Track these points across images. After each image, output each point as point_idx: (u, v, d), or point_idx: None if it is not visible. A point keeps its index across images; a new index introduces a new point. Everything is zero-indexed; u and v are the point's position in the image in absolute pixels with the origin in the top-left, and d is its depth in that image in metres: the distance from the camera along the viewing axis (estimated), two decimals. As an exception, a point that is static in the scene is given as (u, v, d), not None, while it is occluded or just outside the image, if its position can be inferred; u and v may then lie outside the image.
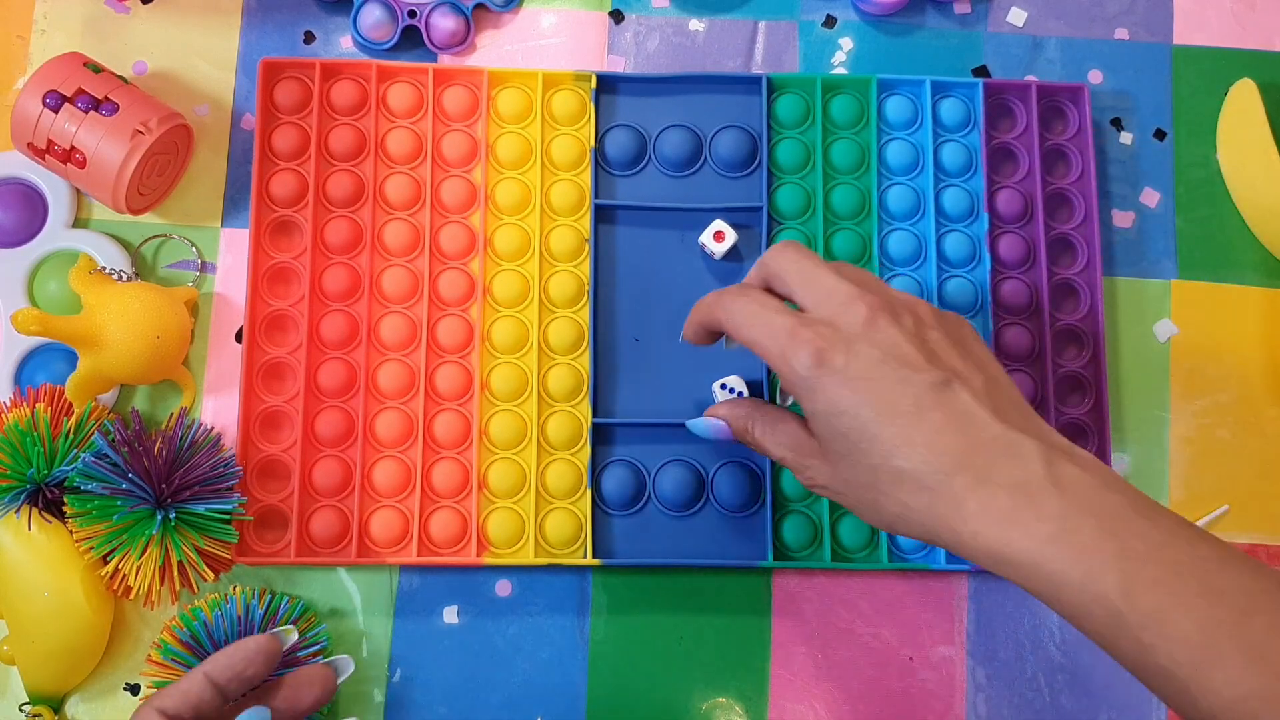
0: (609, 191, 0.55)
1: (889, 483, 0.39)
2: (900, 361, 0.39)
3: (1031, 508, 0.36)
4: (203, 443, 0.49)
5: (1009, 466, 0.37)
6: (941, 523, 0.38)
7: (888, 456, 0.38)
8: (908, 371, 0.39)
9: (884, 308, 0.40)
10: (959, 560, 0.52)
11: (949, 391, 0.39)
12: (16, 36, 0.56)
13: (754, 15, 0.58)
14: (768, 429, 0.45)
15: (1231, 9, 0.59)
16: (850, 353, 0.39)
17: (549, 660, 0.51)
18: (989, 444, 0.38)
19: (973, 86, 0.56)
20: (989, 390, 0.39)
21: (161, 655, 0.47)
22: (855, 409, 0.39)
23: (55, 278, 0.53)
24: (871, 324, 0.40)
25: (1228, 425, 0.55)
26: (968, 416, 0.38)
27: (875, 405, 0.38)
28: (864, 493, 0.40)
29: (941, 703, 0.52)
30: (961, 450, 0.37)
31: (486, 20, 0.57)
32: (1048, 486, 0.36)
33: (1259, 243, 0.56)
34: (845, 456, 0.40)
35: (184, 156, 0.54)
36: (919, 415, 0.38)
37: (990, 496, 0.37)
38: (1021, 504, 0.36)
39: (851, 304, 0.40)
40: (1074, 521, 0.36)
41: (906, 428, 0.38)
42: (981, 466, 0.37)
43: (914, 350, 0.39)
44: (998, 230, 0.55)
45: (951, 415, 0.38)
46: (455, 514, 0.51)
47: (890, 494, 0.39)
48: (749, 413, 0.46)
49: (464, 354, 0.53)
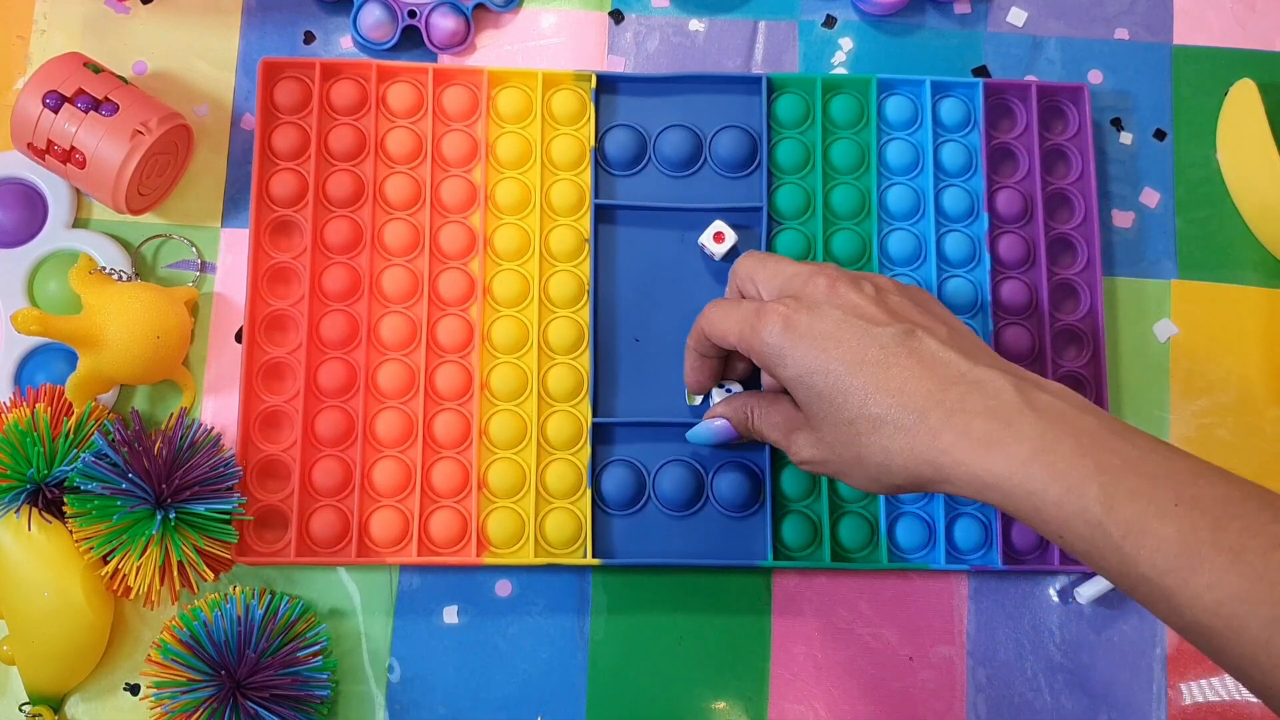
0: (609, 191, 0.55)
1: (868, 432, 0.40)
2: (863, 318, 0.41)
3: (1009, 431, 0.37)
4: (203, 443, 0.49)
5: (981, 397, 0.38)
6: (923, 460, 0.39)
7: (863, 405, 0.40)
8: (870, 326, 0.41)
9: (844, 277, 0.42)
10: (959, 560, 0.52)
11: (914, 339, 0.40)
12: (16, 36, 0.56)
13: (754, 15, 0.58)
14: (763, 412, 0.47)
15: (1231, 9, 0.59)
16: (815, 315, 0.41)
17: (549, 660, 0.51)
18: (958, 380, 0.39)
19: (973, 86, 0.56)
20: (953, 337, 0.41)
21: (161, 655, 0.47)
22: (825, 365, 0.40)
23: (55, 278, 0.53)
24: (833, 290, 0.42)
25: (1228, 425, 0.55)
26: (935, 358, 0.40)
27: (844, 359, 0.40)
28: (846, 451, 0.41)
29: (941, 703, 0.52)
30: (932, 389, 0.39)
31: (486, 20, 0.57)
32: (1023, 410, 0.37)
33: (1259, 243, 0.56)
34: (824, 418, 0.41)
35: (184, 156, 0.54)
36: (887, 363, 0.40)
37: (966, 425, 0.38)
38: (998, 428, 0.37)
39: (813, 278, 0.43)
40: (1051, 441, 0.36)
41: (876, 375, 0.39)
42: (954, 400, 0.38)
43: (876, 309, 0.41)
44: (998, 230, 0.55)
45: (919, 359, 0.40)
46: (455, 514, 0.51)
47: (871, 443, 0.40)
48: (744, 403, 0.48)
49: (464, 354, 0.53)
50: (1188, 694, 0.52)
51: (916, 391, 0.39)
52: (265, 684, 0.47)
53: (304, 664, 0.48)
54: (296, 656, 0.48)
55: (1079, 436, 0.37)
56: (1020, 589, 0.53)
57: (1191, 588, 0.34)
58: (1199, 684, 0.52)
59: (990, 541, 0.52)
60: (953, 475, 0.38)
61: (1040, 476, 0.36)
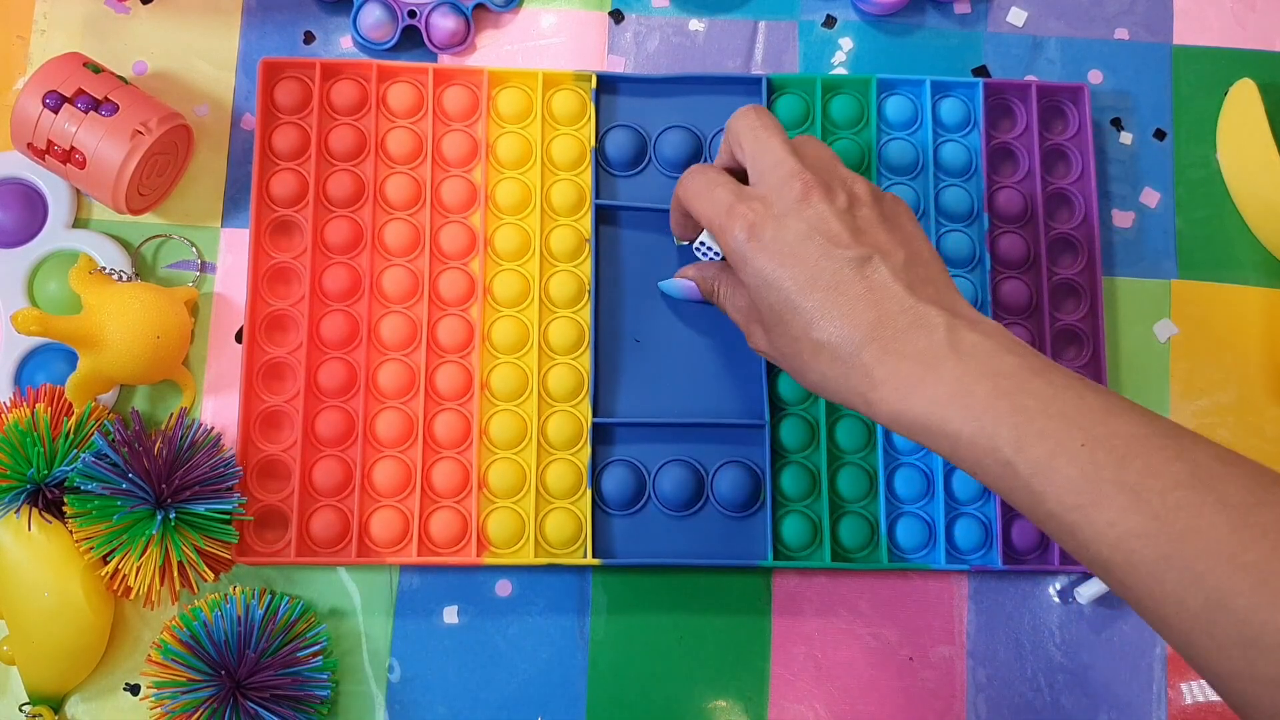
0: (609, 192, 0.55)
1: (809, 354, 0.41)
2: (825, 237, 0.41)
3: (932, 373, 0.39)
4: (203, 443, 0.49)
5: (914, 336, 0.40)
6: (854, 392, 0.40)
7: (807, 328, 0.41)
8: (831, 247, 0.41)
9: (819, 185, 0.42)
10: (959, 560, 0.52)
11: (868, 266, 0.41)
12: (16, 36, 0.56)
13: (754, 15, 0.58)
14: (729, 291, 0.48)
15: (1231, 9, 0.59)
16: (779, 227, 0.42)
17: (549, 660, 0.51)
18: (897, 315, 0.40)
19: (973, 86, 0.56)
20: (908, 265, 0.42)
21: (161, 655, 0.47)
22: (779, 282, 0.41)
23: (55, 278, 0.53)
24: (804, 200, 0.42)
25: (1228, 425, 0.55)
26: (882, 290, 0.41)
27: (797, 279, 0.41)
28: (791, 361, 0.43)
29: (941, 703, 0.52)
30: (872, 323, 0.40)
31: (486, 20, 0.57)
32: (947, 353, 0.39)
33: (1259, 243, 0.56)
34: (773, 328, 0.43)
35: (184, 157, 0.53)
36: (837, 290, 0.41)
37: (895, 366, 0.39)
38: (922, 370, 0.39)
39: (788, 181, 0.43)
40: (970, 384, 0.38)
41: (824, 301, 0.41)
42: (889, 338, 0.40)
43: (840, 227, 0.42)
44: (998, 230, 0.55)
45: (867, 289, 0.41)
46: (455, 514, 0.51)
47: (810, 364, 0.42)
48: (715, 274, 0.49)
49: (464, 354, 0.53)
50: (1188, 694, 0.52)
51: (859, 323, 0.40)
52: (265, 684, 0.47)
53: (304, 664, 0.48)
54: (296, 656, 0.48)
55: (998, 378, 0.38)
56: (1020, 589, 0.53)
57: (1095, 524, 0.35)
58: (1199, 684, 0.52)
59: (990, 541, 0.52)
60: (879, 411, 0.40)
61: (955, 418, 0.38)
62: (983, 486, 0.52)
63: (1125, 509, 0.35)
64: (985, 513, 0.53)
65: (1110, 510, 0.35)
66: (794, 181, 0.42)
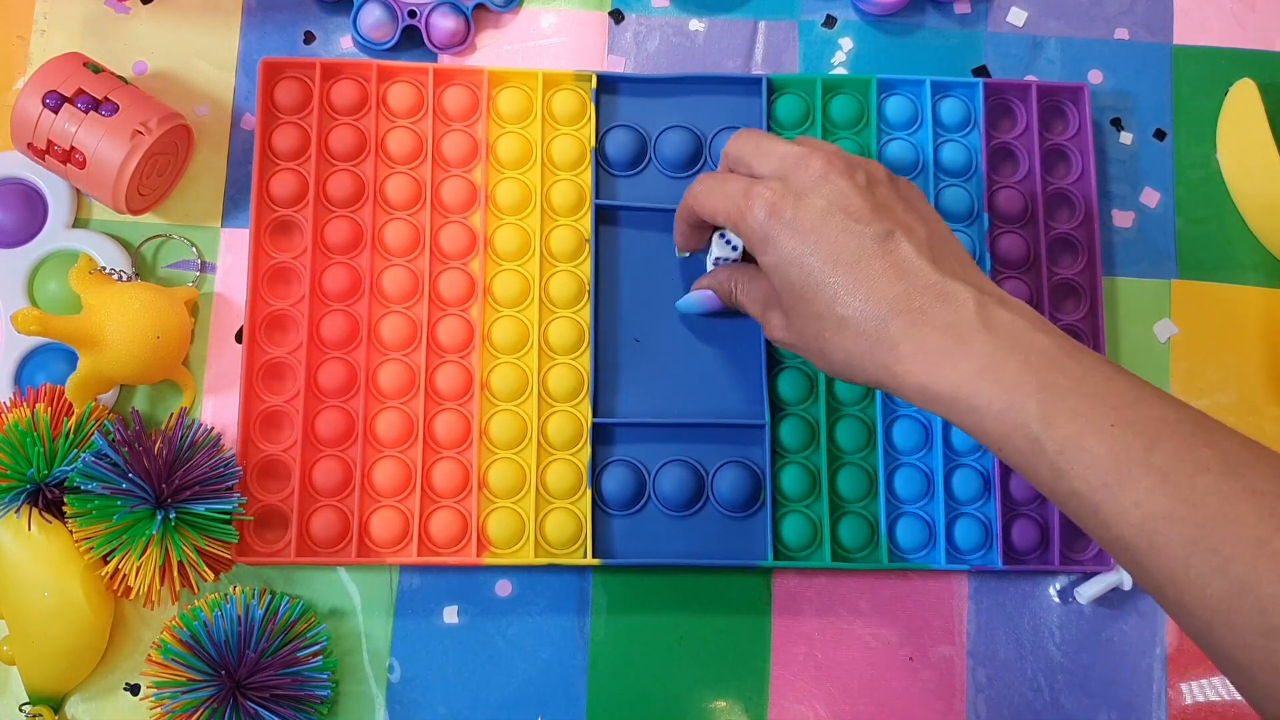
0: (609, 192, 0.55)
1: (833, 330, 0.41)
2: (846, 213, 0.41)
3: (961, 346, 0.38)
4: (203, 443, 0.49)
5: (942, 310, 0.39)
6: (881, 367, 0.40)
7: (831, 304, 0.41)
8: (852, 223, 0.41)
9: (839, 162, 0.43)
10: (959, 560, 0.52)
11: (891, 241, 0.41)
12: (16, 36, 0.56)
13: (754, 15, 0.58)
14: (745, 286, 0.48)
15: (1231, 9, 0.59)
16: (800, 204, 0.42)
17: (549, 660, 0.51)
18: (924, 290, 0.40)
19: (973, 86, 0.56)
20: (930, 241, 0.41)
21: (161, 655, 0.47)
22: (802, 258, 0.41)
23: (55, 278, 0.53)
24: (824, 177, 0.42)
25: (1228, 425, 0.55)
26: (907, 264, 0.40)
27: (821, 254, 0.41)
28: (813, 342, 0.42)
29: (941, 703, 0.52)
30: (898, 297, 0.40)
31: (486, 20, 0.57)
32: (978, 327, 0.39)
33: (1259, 243, 0.56)
34: (794, 308, 0.43)
35: (184, 157, 0.53)
36: (860, 264, 0.40)
37: (922, 338, 0.39)
38: (951, 343, 0.38)
39: (804, 160, 0.43)
40: (1000, 358, 0.38)
41: (848, 276, 0.40)
42: (916, 311, 0.40)
43: (861, 202, 0.41)
44: (998, 230, 0.55)
45: (891, 264, 0.40)
46: (455, 514, 0.51)
47: (834, 342, 0.41)
48: (729, 276, 0.49)
49: (464, 354, 0.53)
50: (1188, 694, 0.52)
51: (883, 298, 0.40)
52: (265, 684, 0.47)
53: (304, 664, 0.48)
54: (296, 656, 0.48)
55: (1028, 354, 0.38)
56: (1020, 589, 0.53)
57: (1119, 504, 0.35)
58: (1199, 684, 0.52)
59: (990, 541, 0.52)
60: (905, 384, 0.39)
61: (985, 392, 0.37)
62: (983, 487, 0.52)
63: (1152, 490, 0.34)
64: (985, 513, 0.53)
65: (1137, 491, 0.35)
66: (810, 160, 0.42)
